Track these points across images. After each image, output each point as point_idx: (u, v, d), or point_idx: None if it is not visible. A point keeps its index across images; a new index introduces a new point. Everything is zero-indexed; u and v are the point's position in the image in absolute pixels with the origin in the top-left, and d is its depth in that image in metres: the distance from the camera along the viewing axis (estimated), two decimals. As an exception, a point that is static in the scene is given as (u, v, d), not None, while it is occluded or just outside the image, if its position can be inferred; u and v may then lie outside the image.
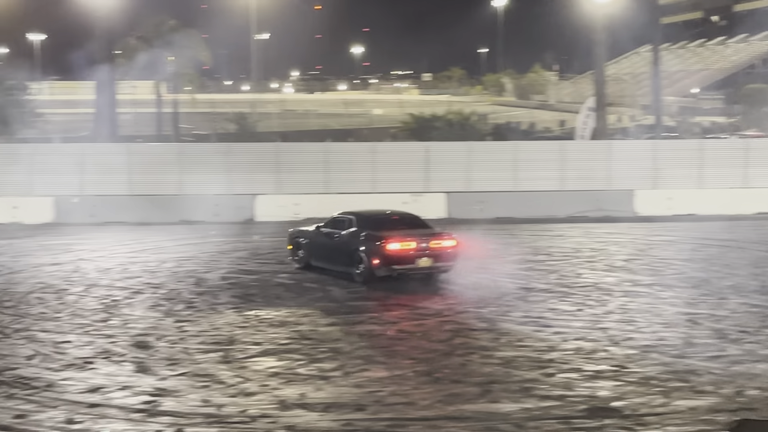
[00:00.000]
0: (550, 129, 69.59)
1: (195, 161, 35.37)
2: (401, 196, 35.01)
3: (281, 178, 35.27)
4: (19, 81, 44.17)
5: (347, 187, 35.32)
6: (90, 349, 14.76)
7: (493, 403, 11.87)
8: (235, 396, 12.23)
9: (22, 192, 34.18)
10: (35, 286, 20.60)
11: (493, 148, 39.66)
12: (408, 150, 37.84)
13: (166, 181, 34.47)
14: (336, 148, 36.99)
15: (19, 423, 11.15)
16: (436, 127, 47.44)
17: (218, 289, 20.19)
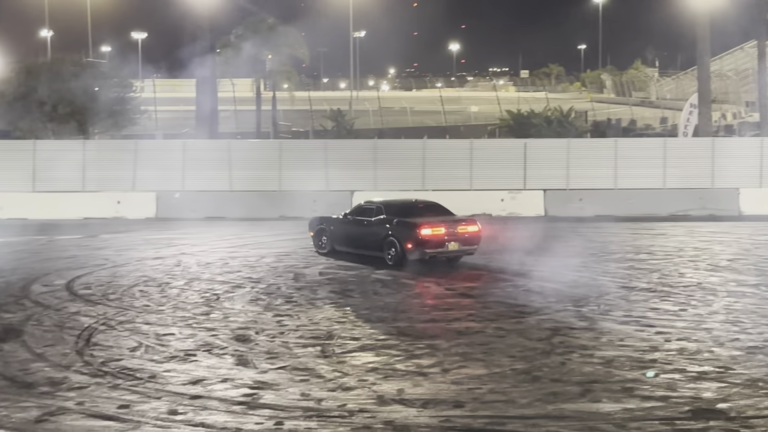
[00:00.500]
0: (651, 126, 68.43)
1: (293, 158, 35.73)
2: (498, 194, 34.91)
3: (378, 174, 35.40)
4: (123, 78, 45.12)
5: (444, 184, 35.31)
6: (192, 342, 14.98)
7: (593, 402, 11.68)
8: (333, 390, 12.27)
9: (125, 187, 34.97)
10: (139, 279, 21.02)
11: (592, 145, 39.19)
12: (505, 147, 37.61)
13: (266, 177, 34.90)
14: (433, 145, 36.96)
15: (123, 413, 11.35)
16: (534, 124, 47.05)
17: (316, 285, 20.32)
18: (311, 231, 25.47)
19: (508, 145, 38.03)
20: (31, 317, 16.88)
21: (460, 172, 35.52)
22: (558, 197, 35.01)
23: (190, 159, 35.25)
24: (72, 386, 12.46)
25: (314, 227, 25.35)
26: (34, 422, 11.02)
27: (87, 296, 18.93)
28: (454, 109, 74.73)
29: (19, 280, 20.84)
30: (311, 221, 25.76)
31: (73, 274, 21.58)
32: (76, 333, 15.60)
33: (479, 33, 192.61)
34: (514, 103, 61.68)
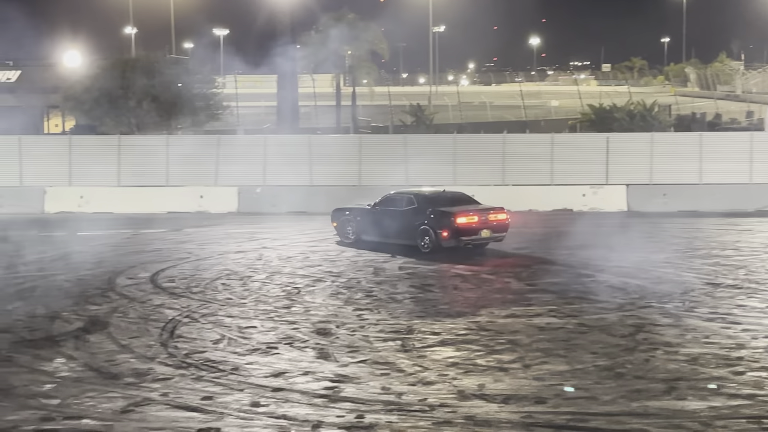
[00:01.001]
0: (737, 120, 67.00)
1: (373, 153, 35.81)
2: (580, 188, 34.56)
3: (458, 169, 35.28)
4: (205, 75, 45.66)
5: (524, 179, 35.07)
6: (273, 335, 15.10)
7: (679, 400, 11.49)
8: (414, 384, 12.26)
9: (208, 182, 35.41)
10: (221, 272, 21.26)
11: (676, 139, 38.52)
12: (587, 141, 37.18)
13: (346, 172, 35.04)
14: (513, 140, 36.71)
15: (207, 405, 11.48)
16: (617, 119, 46.42)
17: (396, 279, 20.33)
18: (334, 222, 26.46)
19: (590, 140, 37.58)
20: (116, 309, 17.18)
21: (541, 166, 35.23)
22: (641, 192, 34.52)
23: (272, 154, 35.55)
24: (156, 377, 12.65)
25: (338, 218, 26.31)
26: (119, 412, 11.21)
27: (171, 289, 19.21)
28: (535, 103, 74.14)
29: (105, 272, 21.23)
30: (334, 212, 26.64)
31: (157, 267, 21.92)
32: (160, 325, 15.84)
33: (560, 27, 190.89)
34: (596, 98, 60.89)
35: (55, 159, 36.04)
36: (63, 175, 35.86)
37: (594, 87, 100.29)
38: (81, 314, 16.75)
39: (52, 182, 35.68)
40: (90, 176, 35.62)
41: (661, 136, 38.35)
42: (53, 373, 12.99)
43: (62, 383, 12.46)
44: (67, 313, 16.82)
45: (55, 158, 36.07)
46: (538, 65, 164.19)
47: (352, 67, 58.15)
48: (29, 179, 35.88)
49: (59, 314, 16.78)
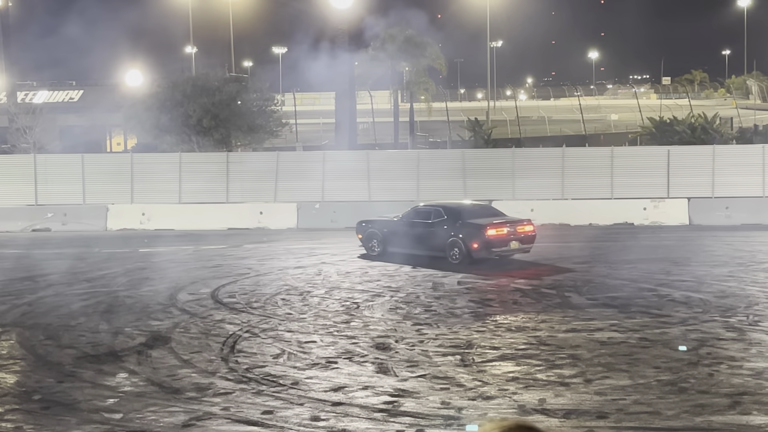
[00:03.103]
0: (800, 132, 65.90)
1: (431, 168, 35.82)
2: (641, 202, 34.23)
3: (516, 184, 35.14)
4: (264, 92, 46.04)
5: (583, 193, 34.82)
6: (333, 350, 15.13)
7: (743, 415, 11.29)
8: (474, 399, 12.20)
9: (267, 198, 35.65)
10: (281, 288, 21.37)
11: (739, 152, 38.00)
12: (648, 155, 36.83)
13: (404, 187, 35.08)
14: (572, 154, 36.48)
15: (267, 419, 11.53)
16: (677, 132, 45.93)
17: (455, 294, 20.27)
18: (360, 234, 26.76)
19: (651, 153, 37.23)
20: (178, 325, 17.35)
21: (601, 180, 34.96)
22: (703, 206, 34.09)
23: (330, 170, 35.72)
24: (218, 392, 12.74)
25: (364, 231, 26.60)
26: (181, 427, 11.30)
27: (231, 304, 19.35)
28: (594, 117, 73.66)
29: (166, 288, 21.45)
30: (359, 225, 26.92)
31: (218, 283, 22.10)
32: (221, 340, 15.96)
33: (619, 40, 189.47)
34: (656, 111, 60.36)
35: (118, 177, 36.55)
36: (125, 192, 36.35)
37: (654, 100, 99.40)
38: (143, 330, 16.93)
39: (114, 200, 36.18)
40: (151, 193, 36.06)
41: (722, 148, 37.86)
42: (116, 387, 13.14)
43: (125, 398, 12.60)
44: (130, 329, 17.02)
45: (118, 176, 36.58)
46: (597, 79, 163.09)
47: (409, 82, 58.26)
48: (92, 197, 36.42)
49: (122, 330, 16.98)
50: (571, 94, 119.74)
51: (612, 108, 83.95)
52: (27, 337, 16.52)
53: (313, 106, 70.87)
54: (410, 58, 55.33)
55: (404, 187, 35.13)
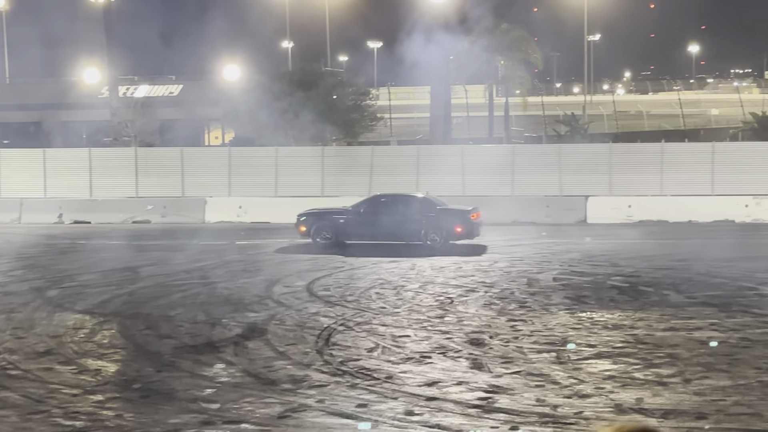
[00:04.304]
0: None
1: (526, 163, 35.54)
2: (742, 199, 33.46)
3: (614, 179, 34.66)
4: (359, 87, 46.22)
5: (683, 189, 34.19)
6: (427, 344, 15.12)
7: None
8: (570, 397, 12.07)
9: (362, 192, 35.76)
10: (375, 282, 21.43)
11: None
12: (750, 150, 36.00)
13: (498, 182, 34.88)
14: (671, 149, 35.81)
15: (362, 412, 11.58)
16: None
17: (550, 290, 20.08)
18: (303, 226, 27.44)
19: (754, 149, 36.35)
20: (274, 317, 17.53)
21: (701, 176, 34.25)
22: (807, 203, 33.16)
23: (424, 164, 35.69)
24: (312, 384, 12.83)
25: (311, 222, 27.39)
26: (277, 418, 11.41)
27: (326, 297, 19.48)
28: (693, 112, 72.21)
29: (262, 281, 21.69)
30: (303, 219, 27.60)
31: (313, 276, 22.26)
32: (316, 333, 16.08)
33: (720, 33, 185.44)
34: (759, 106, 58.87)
35: (216, 170, 37.08)
36: (223, 185, 36.86)
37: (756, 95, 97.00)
38: (240, 321, 17.15)
39: (212, 192, 36.72)
40: (248, 187, 36.50)
41: (829, 144, 36.78)
42: (213, 378, 13.34)
43: (222, 388, 12.78)
44: (227, 320, 17.26)
45: (216, 169, 37.11)
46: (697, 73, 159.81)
47: (505, 77, 57.86)
48: (191, 190, 37.02)
49: (219, 321, 17.23)
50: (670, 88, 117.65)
51: (712, 103, 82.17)
52: (127, 327, 16.87)
53: (408, 100, 70.89)
54: (506, 52, 54.89)
55: (499, 182, 34.92)
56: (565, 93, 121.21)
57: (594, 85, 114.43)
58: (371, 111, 45.67)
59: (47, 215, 36.17)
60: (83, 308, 18.70)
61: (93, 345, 15.54)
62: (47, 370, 13.81)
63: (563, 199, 34.08)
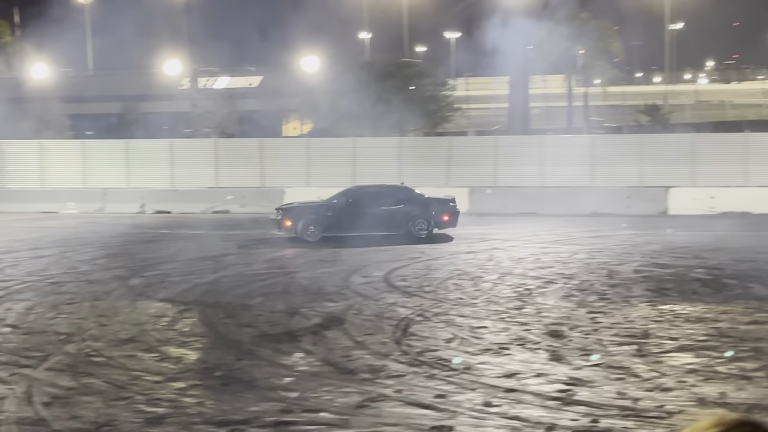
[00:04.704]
0: None
1: (606, 153, 35.12)
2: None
3: (696, 170, 34.09)
4: (436, 77, 46.13)
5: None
6: (505, 336, 15.04)
7: None
8: (651, 390, 11.90)
9: (438, 183, 35.72)
10: (452, 272, 21.38)
11: None
12: (838, 140, 35.09)
13: (578, 173, 34.55)
14: (756, 139, 35.08)
15: (440, 402, 11.55)
16: None
17: (631, 282, 19.82)
18: (288, 221, 26.88)
19: (841, 139, 35.44)
20: (352, 307, 17.59)
21: (787, 167, 33.54)
22: None
23: (502, 155, 35.51)
24: (390, 374, 12.84)
25: (298, 216, 26.91)
26: (355, 407, 11.44)
27: (403, 288, 19.49)
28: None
29: (340, 271, 21.78)
30: (286, 212, 27.12)
31: (390, 266, 22.29)
32: (393, 323, 16.09)
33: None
34: None
35: (294, 161, 37.35)
36: (301, 176, 37.10)
37: None
38: (318, 311, 17.25)
39: (290, 183, 36.97)
40: (326, 177, 36.66)
41: None
42: (292, 366, 13.42)
43: (301, 377, 12.85)
44: (306, 309, 17.36)
45: (294, 160, 37.38)
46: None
47: (584, 66, 57.20)
48: (270, 180, 37.34)
49: (298, 310, 17.34)
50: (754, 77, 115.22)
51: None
52: (208, 315, 17.08)
53: (485, 90, 70.53)
54: (585, 42, 54.26)
55: (578, 173, 34.58)
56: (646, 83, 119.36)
57: (676, 75, 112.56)
58: (449, 101, 45.56)
59: (130, 205, 36.82)
60: (165, 297, 18.98)
61: (174, 333, 15.76)
62: (130, 357, 14.04)
63: (644, 190, 33.62)
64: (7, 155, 38.99)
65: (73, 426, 10.99)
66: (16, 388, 12.44)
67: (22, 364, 13.69)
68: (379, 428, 10.70)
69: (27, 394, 12.18)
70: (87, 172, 38.51)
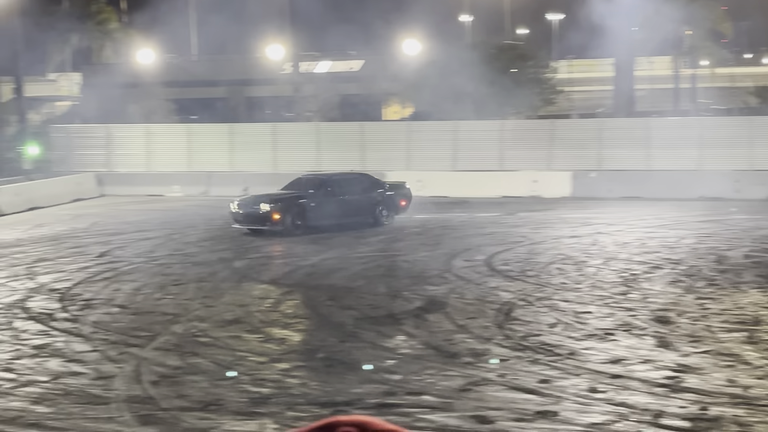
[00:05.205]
0: None
1: (714, 137, 34.27)
2: None
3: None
4: (539, 60, 45.63)
5: None
6: (610, 321, 14.79)
7: None
8: (762, 378, 11.58)
9: (541, 167, 35.33)
10: (555, 257, 21.10)
11: None
12: None
13: (685, 156, 33.80)
14: None
15: (544, 388, 11.42)
16: None
17: (741, 268, 19.29)
18: (277, 214, 24.52)
19: None
20: (453, 290, 17.51)
21: None
22: None
23: (606, 138, 34.92)
24: (493, 358, 12.74)
25: (285, 210, 24.71)
26: (458, 391, 11.39)
27: (506, 272, 19.32)
28: None
29: (442, 254, 21.69)
30: (281, 204, 24.79)
31: (492, 251, 22.10)
32: (496, 307, 15.97)
33: None
34: None
35: (394, 144, 37.32)
36: (401, 159, 37.07)
37: None
38: (420, 294, 17.21)
39: (391, 167, 36.97)
40: (427, 161, 36.58)
41: None
42: (394, 349, 13.43)
43: (403, 359, 12.85)
44: (407, 293, 17.35)
45: (394, 144, 37.35)
46: None
47: (691, 48, 55.92)
48: (370, 164, 37.38)
49: (400, 293, 17.34)
50: None
51: None
52: (311, 297, 17.20)
53: (588, 73, 69.44)
54: (692, 22, 53.02)
55: (685, 156, 33.79)
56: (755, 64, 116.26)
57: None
58: (551, 84, 45.01)
59: (233, 188, 37.25)
60: (268, 279, 19.18)
61: (278, 314, 15.92)
62: (235, 338, 14.22)
63: (754, 174, 32.68)
64: (116, 139, 39.84)
65: (180, 404, 11.17)
66: (125, 367, 12.72)
67: (130, 344, 13.99)
68: (482, 412, 10.62)
69: (135, 372, 12.43)
70: (192, 155, 39.13)
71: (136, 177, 38.39)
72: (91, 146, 39.50)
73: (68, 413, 11.05)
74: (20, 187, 34.64)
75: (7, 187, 33.61)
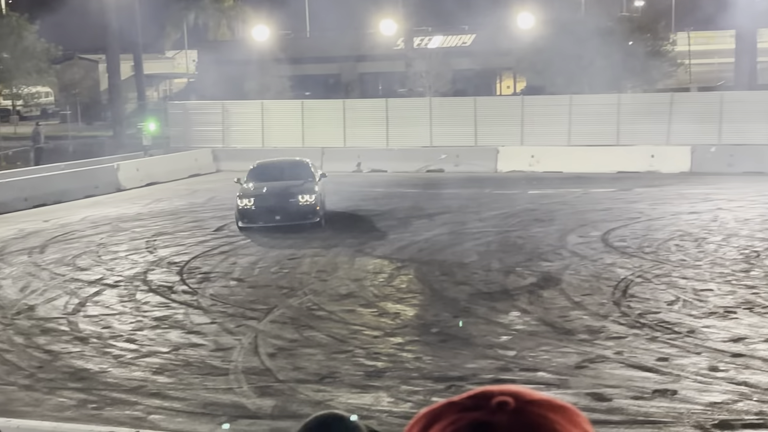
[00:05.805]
0: None
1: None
2: None
3: None
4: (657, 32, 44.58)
5: None
6: (731, 299, 14.42)
7: None
8: None
9: (659, 141, 34.62)
10: (674, 233, 20.65)
11: None
12: None
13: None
14: None
15: (662, 366, 11.21)
16: None
17: None
18: (318, 204, 22.21)
19: None
20: (568, 266, 17.30)
21: None
22: None
23: (727, 111, 33.99)
24: (610, 335, 12.57)
25: (320, 198, 22.51)
26: (573, 368, 11.27)
27: (622, 248, 18.99)
28: None
29: (556, 230, 21.45)
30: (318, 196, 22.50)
31: (608, 227, 21.75)
32: (612, 284, 15.73)
33: None
34: None
35: (508, 119, 37.00)
36: (515, 134, 36.75)
37: None
38: (534, 270, 17.07)
39: (504, 142, 36.70)
40: (540, 136, 36.18)
41: None
42: (509, 325, 13.35)
43: (517, 335, 12.77)
44: (521, 269, 17.21)
45: (507, 119, 37.03)
46: None
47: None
48: (483, 139, 37.19)
49: (513, 269, 17.21)
50: None
51: None
52: (424, 273, 17.20)
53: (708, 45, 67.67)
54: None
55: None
56: None
57: None
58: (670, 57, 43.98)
59: (346, 164, 37.50)
60: (382, 254, 19.25)
61: (392, 289, 15.98)
62: (349, 312, 14.33)
63: None
64: (232, 115, 40.45)
65: (297, 377, 11.32)
66: (243, 339, 12.94)
67: (248, 317, 14.23)
68: (599, 389, 10.49)
69: (253, 345, 12.64)
70: (306, 131, 39.49)
71: (251, 153, 38.91)
72: (207, 122, 40.21)
73: (188, 383, 11.30)
74: (139, 162, 35.52)
75: (126, 163, 34.50)
